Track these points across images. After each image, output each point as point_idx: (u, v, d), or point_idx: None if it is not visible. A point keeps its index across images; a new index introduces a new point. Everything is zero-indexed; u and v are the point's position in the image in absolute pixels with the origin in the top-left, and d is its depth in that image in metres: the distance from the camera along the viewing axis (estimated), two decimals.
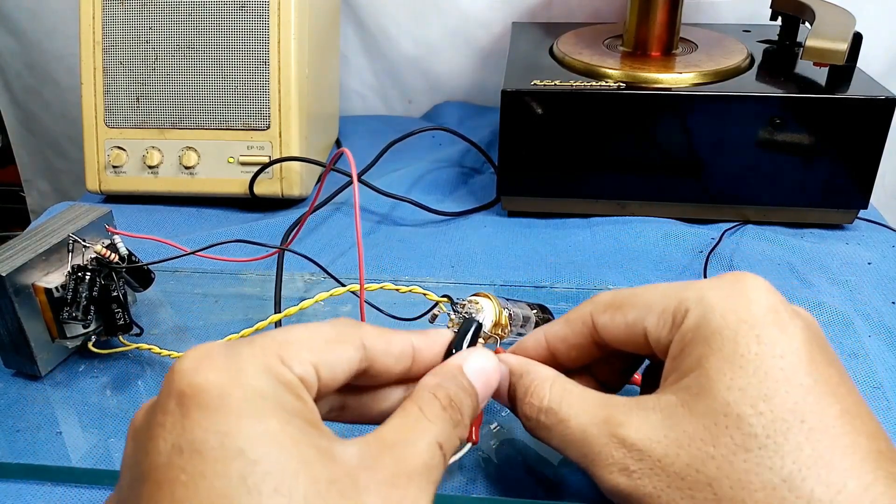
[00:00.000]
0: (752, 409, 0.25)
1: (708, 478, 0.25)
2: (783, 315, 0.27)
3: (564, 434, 0.29)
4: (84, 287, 0.42)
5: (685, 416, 0.27)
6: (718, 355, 0.27)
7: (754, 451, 0.25)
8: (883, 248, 0.57)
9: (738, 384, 0.26)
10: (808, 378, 0.26)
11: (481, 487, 0.36)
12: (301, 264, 0.51)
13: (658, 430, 0.27)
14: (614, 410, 0.28)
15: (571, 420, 0.29)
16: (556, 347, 0.33)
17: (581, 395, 0.30)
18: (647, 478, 0.27)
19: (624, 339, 0.31)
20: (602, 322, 0.32)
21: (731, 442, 0.25)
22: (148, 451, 0.23)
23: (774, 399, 0.25)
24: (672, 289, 0.30)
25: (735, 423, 0.26)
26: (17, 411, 0.41)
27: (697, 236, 0.58)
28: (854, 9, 0.59)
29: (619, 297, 0.32)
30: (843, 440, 0.25)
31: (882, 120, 0.55)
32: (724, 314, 0.27)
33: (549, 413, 0.30)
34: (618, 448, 0.28)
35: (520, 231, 0.61)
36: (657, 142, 0.58)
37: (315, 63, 0.66)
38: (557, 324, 0.34)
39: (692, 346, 0.28)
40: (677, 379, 0.28)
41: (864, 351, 0.45)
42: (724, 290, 0.28)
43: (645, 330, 0.30)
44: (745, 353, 0.26)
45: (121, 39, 0.62)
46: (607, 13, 0.81)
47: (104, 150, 0.63)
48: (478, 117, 0.83)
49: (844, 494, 0.24)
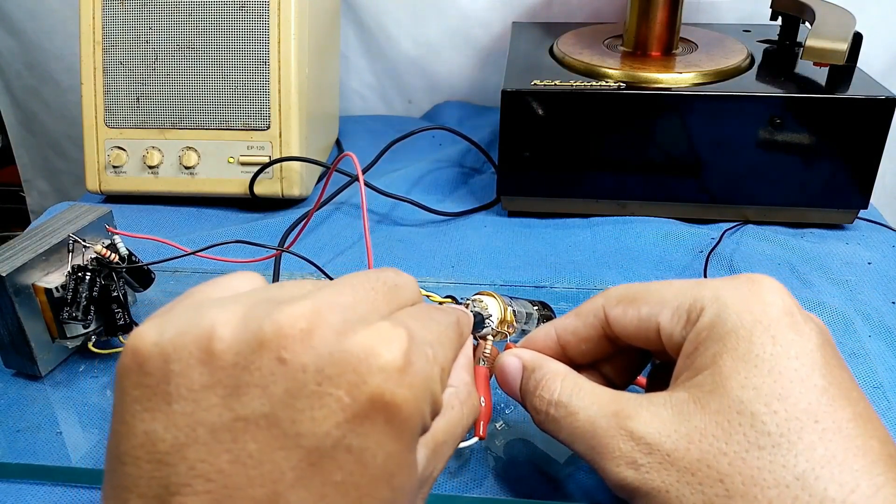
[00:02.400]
0: (766, 407, 0.26)
1: (720, 473, 0.25)
2: (798, 318, 0.28)
3: (573, 427, 0.29)
4: (84, 287, 0.42)
5: (697, 413, 0.27)
6: (733, 354, 0.27)
7: (768, 448, 0.25)
8: (883, 248, 0.57)
9: (753, 383, 0.26)
10: (823, 380, 0.26)
11: (487, 486, 0.36)
12: (302, 263, 0.51)
13: (669, 425, 0.27)
14: (624, 404, 0.28)
15: (580, 413, 0.29)
16: (567, 341, 0.33)
17: (591, 390, 0.30)
18: (656, 472, 0.27)
19: (635, 334, 0.31)
20: (614, 315, 0.32)
21: (745, 439, 0.25)
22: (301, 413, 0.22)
23: (789, 399, 0.26)
24: (687, 286, 0.30)
25: (749, 421, 0.26)
26: (17, 411, 0.41)
27: (697, 236, 0.58)
28: (854, 9, 0.59)
29: (632, 290, 0.32)
30: (855, 442, 0.25)
31: (882, 120, 0.55)
32: (740, 314, 0.28)
33: (559, 406, 0.30)
34: (626, 441, 0.27)
35: (520, 231, 0.61)
36: (657, 142, 0.58)
37: (315, 63, 0.66)
38: (568, 317, 0.34)
39: (706, 344, 0.28)
40: (690, 376, 0.28)
41: (864, 351, 0.45)
42: (740, 291, 0.28)
43: (658, 325, 0.30)
44: (761, 352, 0.27)
45: (121, 39, 0.62)
46: (607, 13, 0.81)
47: (104, 150, 0.63)
48: (478, 117, 0.83)
49: (857, 494, 0.24)
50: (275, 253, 0.51)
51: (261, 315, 0.23)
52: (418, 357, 0.24)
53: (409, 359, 0.23)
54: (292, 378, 0.22)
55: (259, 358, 0.22)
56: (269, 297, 0.24)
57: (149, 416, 0.22)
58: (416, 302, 0.29)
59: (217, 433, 0.22)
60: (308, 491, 0.22)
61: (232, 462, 0.22)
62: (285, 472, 0.22)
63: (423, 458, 0.26)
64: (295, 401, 0.22)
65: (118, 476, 0.23)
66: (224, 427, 0.22)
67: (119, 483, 0.23)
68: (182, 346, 0.23)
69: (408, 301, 0.28)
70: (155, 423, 0.22)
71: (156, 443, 0.22)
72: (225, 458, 0.22)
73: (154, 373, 0.23)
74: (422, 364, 0.24)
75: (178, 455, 0.22)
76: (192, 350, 0.23)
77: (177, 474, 0.22)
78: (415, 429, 0.24)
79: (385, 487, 0.23)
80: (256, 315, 0.23)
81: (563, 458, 0.37)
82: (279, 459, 0.22)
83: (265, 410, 0.22)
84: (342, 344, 0.23)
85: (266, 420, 0.22)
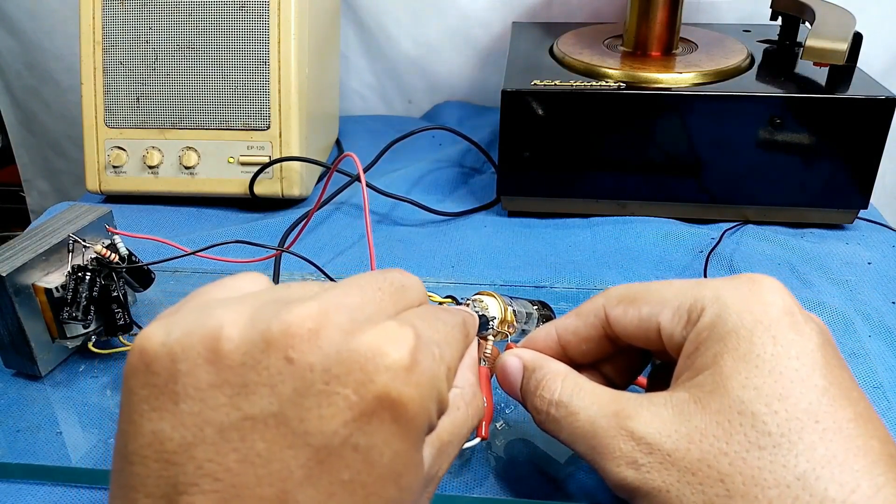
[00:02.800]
0: (766, 407, 0.26)
1: (720, 473, 0.25)
2: (798, 318, 0.28)
3: (573, 426, 0.29)
4: (84, 287, 0.42)
5: (698, 413, 0.27)
6: (734, 354, 0.27)
7: (768, 448, 0.25)
8: (883, 248, 0.57)
9: (754, 383, 0.26)
10: (823, 380, 0.26)
11: (487, 486, 0.36)
12: (302, 263, 0.51)
13: (669, 425, 0.27)
14: (625, 404, 0.29)
15: (581, 413, 0.29)
16: (567, 340, 0.33)
17: (592, 390, 0.30)
18: (656, 472, 0.27)
19: (635, 333, 0.31)
20: (615, 315, 0.32)
21: (745, 439, 0.25)
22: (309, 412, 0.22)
23: (789, 399, 0.26)
24: (687, 286, 0.30)
25: (749, 421, 0.26)
26: (17, 411, 0.41)
27: (697, 236, 0.58)
28: (854, 9, 0.59)
29: (633, 290, 0.32)
30: (856, 442, 0.25)
31: (882, 120, 0.55)
32: (741, 314, 0.28)
33: (560, 406, 0.30)
34: (626, 441, 0.27)
35: (520, 231, 0.61)
36: (657, 142, 0.58)
37: (315, 63, 0.66)
38: (569, 317, 0.34)
39: (707, 344, 0.28)
40: (691, 376, 0.28)
41: (864, 351, 0.45)
42: (741, 291, 0.28)
43: (658, 325, 0.30)
44: (761, 352, 0.27)
45: (121, 39, 0.62)
46: (607, 13, 0.81)
47: (104, 150, 0.63)
48: (478, 117, 0.83)
49: (858, 495, 0.24)
50: (275, 253, 0.52)
51: (268, 315, 0.23)
52: (425, 356, 0.24)
53: (415, 358, 0.23)
54: (300, 377, 0.22)
55: (267, 357, 0.22)
56: (276, 298, 0.24)
57: (156, 415, 0.22)
58: (422, 302, 0.29)
59: (225, 432, 0.22)
60: (316, 489, 0.22)
61: (240, 461, 0.22)
62: (293, 471, 0.22)
63: (429, 457, 0.26)
64: (303, 399, 0.22)
65: (126, 476, 0.23)
66: (232, 426, 0.22)
67: (126, 482, 0.23)
68: (189, 346, 0.23)
69: (414, 301, 0.28)
70: (162, 423, 0.22)
71: (164, 442, 0.22)
72: (233, 457, 0.22)
73: (161, 372, 0.23)
74: (428, 363, 0.24)
75: (185, 454, 0.22)
76: (199, 350, 0.23)
77: (185, 473, 0.22)
78: (421, 427, 0.24)
79: (392, 486, 0.23)
80: (264, 315, 0.23)
81: (563, 458, 0.37)
82: (287, 458, 0.22)
83: (273, 409, 0.22)
84: (349, 343, 0.23)
85: (274, 419, 0.22)
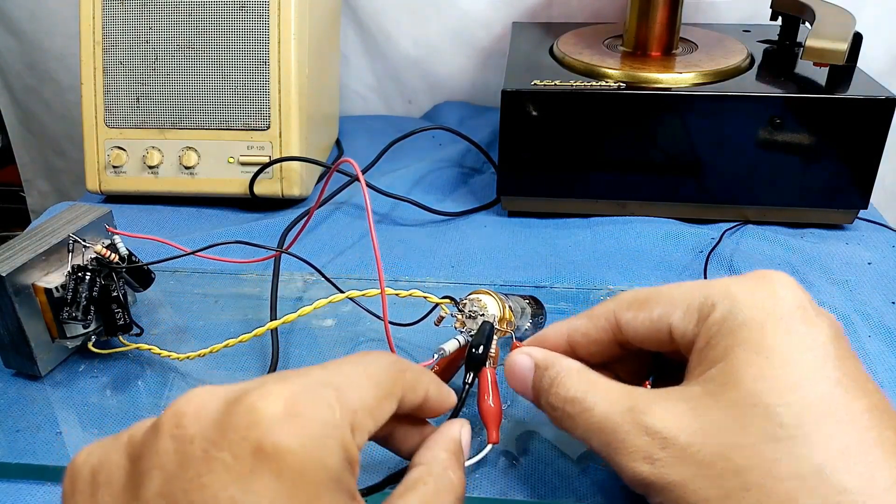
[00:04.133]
0: (779, 399, 0.26)
1: (737, 466, 0.25)
2: (810, 312, 0.28)
3: (589, 422, 0.29)
4: (84, 287, 0.42)
5: (712, 406, 0.27)
6: (745, 346, 0.27)
7: (783, 440, 0.25)
8: (883, 248, 0.57)
9: (766, 375, 0.26)
10: (836, 372, 0.26)
11: (498, 486, 0.36)
12: (301, 263, 0.51)
13: (684, 419, 0.27)
14: (639, 399, 0.28)
15: (595, 408, 0.29)
16: (577, 342, 0.33)
17: (606, 386, 0.30)
18: (672, 466, 0.26)
19: (647, 336, 0.31)
20: (626, 319, 0.32)
21: (760, 431, 0.25)
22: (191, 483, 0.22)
23: (802, 390, 0.26)
24: (697, 285, 0.30)
25: (763, 413, 0.26)
26: (17, 411, 0.41)
27: (697, 236, 0.58)
28: (854, 9, 0.59)
29: (643, 294, 0.32)
30: (871, 433, 0.25)
31: (882, 120, 0.55)
32: (752, 308, 0.28)
33: (574, 402, 0.30)
34: (642, 436, 0.27)
35: (520, 231, 0.61)
36: (657, 142, 0.58)
37: (315, 63, 0.66)
38: (580, 318, 0.34)
39: (718, 337, 0.28)
40: (703, 371, 0.28)
41: (864, 351, 0.45)
42: (751, 286, 0.29)
43: (670, 326, 0.30)
44: (773, 345, 0.27)
45: (121, 39, 0.62)
46: (607, 13, 0.81)
47: (104, 150, 0.63)
48: (478, 117, 0.83)
49: (873, 485, 0.24)
50: (274, 254, 0.52)
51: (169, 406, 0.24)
52: (311, 403, 0.23)
53: (293, 407, 0.23)
54: (182, 451, 0.23)
55: (156, 441, 0.23)
56: None
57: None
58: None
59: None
60: None
61: None
62: None
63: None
64: (185, 472, 0.22)
65: None
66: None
67: None
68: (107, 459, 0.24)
69: None
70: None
71: None
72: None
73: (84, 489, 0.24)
74: (316, 409, 0.23)
75: None
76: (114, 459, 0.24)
77: None
78: (316, 479, 0.22)
79: None
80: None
81: (575, 455, 0.37)
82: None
83: (162, 489, 0.22)
84: (228, 409, 0.23)
85: (163, 498, 0.22)
